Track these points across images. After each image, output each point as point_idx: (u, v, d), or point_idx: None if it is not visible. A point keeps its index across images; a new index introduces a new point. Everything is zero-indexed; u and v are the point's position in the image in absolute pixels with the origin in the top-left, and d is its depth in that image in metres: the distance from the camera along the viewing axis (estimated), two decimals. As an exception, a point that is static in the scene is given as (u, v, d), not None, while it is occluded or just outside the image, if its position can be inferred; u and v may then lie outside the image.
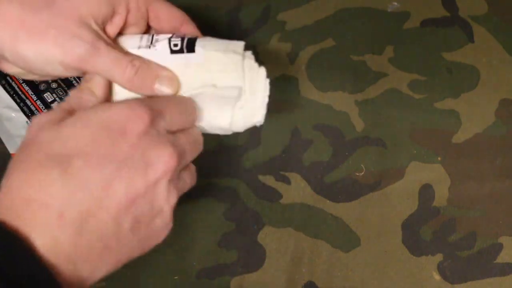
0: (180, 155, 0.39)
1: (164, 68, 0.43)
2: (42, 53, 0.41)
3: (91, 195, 0.35)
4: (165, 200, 0.39)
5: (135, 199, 0.37)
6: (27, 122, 0.61)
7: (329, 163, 0.61)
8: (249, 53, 0.45)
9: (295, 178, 0.60)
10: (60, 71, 0.42)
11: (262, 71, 0.45)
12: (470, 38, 0.65)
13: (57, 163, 0.35)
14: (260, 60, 0.46)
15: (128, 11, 0.44)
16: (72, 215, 0.34)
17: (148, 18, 0.46)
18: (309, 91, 0.63)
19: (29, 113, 0.61)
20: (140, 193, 0.37)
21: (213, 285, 0.57)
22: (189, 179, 0.43)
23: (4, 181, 0.36)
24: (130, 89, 0.43)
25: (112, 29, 0.44)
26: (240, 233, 0.59)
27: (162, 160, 0.38)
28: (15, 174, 0.35)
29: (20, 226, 0.33)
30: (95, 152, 0.36)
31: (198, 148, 0.43)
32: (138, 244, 0.39)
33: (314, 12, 0.67)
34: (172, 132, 0.41)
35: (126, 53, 0.43)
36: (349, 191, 0.60)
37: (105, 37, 0.43)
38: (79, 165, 0.35)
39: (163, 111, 0.40)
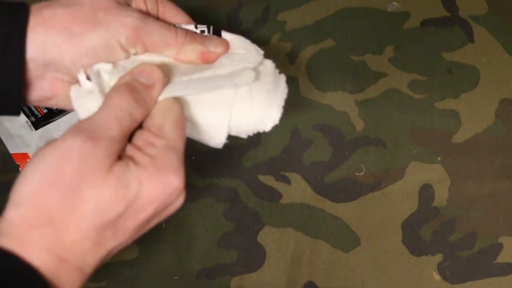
0: None
1: (206, 35, 0.44)
2: (101, 36, 0.40)
3: (109, 255, 0.37)
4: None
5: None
6: (27, 122, 0.61)
7: (329, 163, 0.61)
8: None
9: (295, 178, 0.60)
10: (117, 52, 0.41)
11: (282, 77, 0.44)
12: (470, 38, 0.65)
13: (95, 235, 0.35)
14: (260, 60, 0.46)
15: None
16: (90, 271, 0.36)
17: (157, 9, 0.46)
18: (309, 91, 0.63)
19: (29, 113, 0.61)
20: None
21: (213, 285, 0.57)
22: None
23: (37, 212, 0.34)
24: (181, 50, 0.43)
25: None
26: (240, 233, 0.59)
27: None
28: (53, 221, 0.34)
29: (55, 284, 0.34)
30: (124, 225, 0.36)
31: None
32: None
33: (314, 12, 0.67)
34: None
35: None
36: (349, 191, 0.60)
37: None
38: (108, 236, 0.36)
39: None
